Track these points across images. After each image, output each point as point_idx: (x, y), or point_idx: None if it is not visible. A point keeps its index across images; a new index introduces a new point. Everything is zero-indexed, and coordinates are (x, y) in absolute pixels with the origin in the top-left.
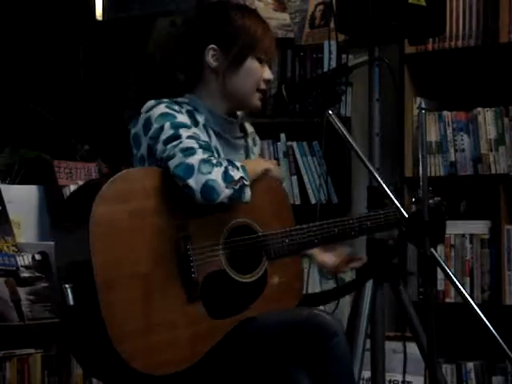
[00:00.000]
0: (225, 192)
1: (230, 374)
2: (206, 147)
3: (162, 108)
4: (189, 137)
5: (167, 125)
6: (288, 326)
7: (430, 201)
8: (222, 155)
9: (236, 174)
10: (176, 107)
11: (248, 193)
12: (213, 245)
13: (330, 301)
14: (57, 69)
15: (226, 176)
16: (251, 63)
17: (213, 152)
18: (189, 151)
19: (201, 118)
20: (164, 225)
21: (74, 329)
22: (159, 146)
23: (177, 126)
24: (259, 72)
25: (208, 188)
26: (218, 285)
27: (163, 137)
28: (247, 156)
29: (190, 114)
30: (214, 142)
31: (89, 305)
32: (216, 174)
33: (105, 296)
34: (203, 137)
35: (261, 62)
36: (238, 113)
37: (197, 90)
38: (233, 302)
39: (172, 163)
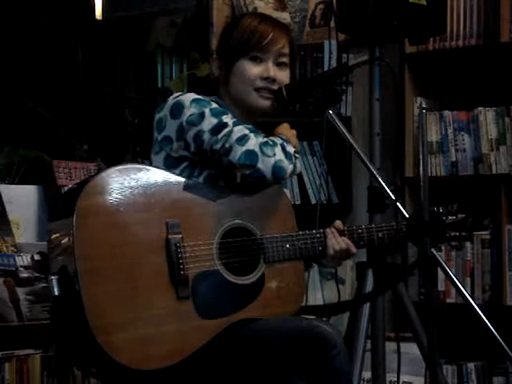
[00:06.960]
0: (289, 168)
1: (224, 378)
2: (253, 130)
3: (192, 95)
4: (235, 123)
5: (207, 112)
6: (287, 336)
7: (453, 217)
8: None
9: (291, 149)
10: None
11: (299, 165)
12: (206, 244)
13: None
14: (56, 68)
15: (286, 153)
16: (242, 65)
17: (260, 132)
18: (244, 139)
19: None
20: (152, 221)
21: (60, 320)
22: (206, 136)
23: (217, 113)
24: (250, 71)
25: (278, 169)
26: (210, 284)
27: (208, 126)
28: None
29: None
30: None
31: (72, 295)
32: (279, 154)
33: (87, 287)
34: None
35: (258, 59)
36: None
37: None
38: (225, 302)
39: (233, 156)
